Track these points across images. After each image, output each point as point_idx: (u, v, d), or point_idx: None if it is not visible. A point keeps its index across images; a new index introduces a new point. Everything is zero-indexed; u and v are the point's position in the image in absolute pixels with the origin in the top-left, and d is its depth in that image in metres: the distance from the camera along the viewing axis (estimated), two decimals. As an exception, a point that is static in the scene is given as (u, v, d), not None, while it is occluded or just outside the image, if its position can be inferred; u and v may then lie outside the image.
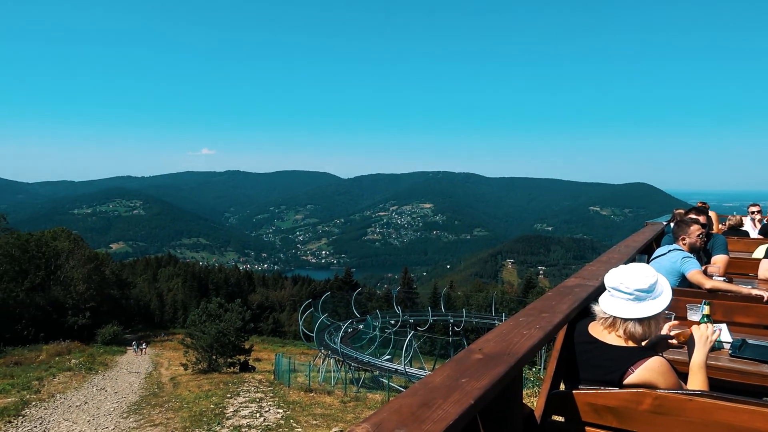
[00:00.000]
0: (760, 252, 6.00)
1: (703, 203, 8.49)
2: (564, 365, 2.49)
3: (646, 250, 5.89)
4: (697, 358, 2.33)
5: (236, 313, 28.41)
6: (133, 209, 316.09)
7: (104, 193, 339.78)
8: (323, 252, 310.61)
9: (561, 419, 2.24)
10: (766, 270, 5.04)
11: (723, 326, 3.48)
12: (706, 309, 3.21)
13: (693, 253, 4.70)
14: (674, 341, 2.57)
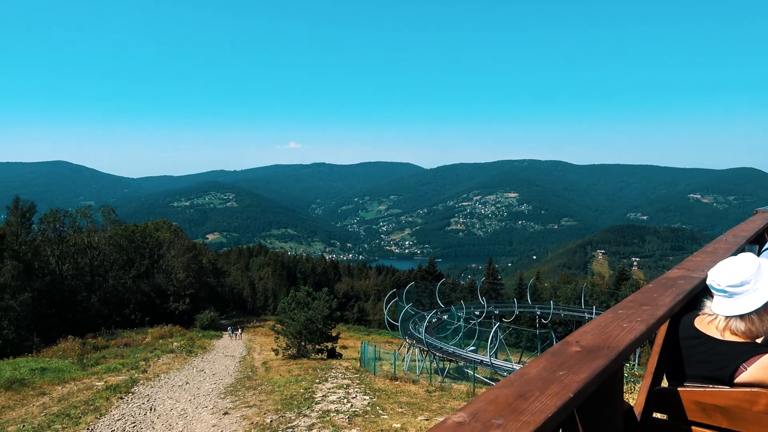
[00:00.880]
0: None
1: None
2: (666, 361, 2.36)
3: (757, 240, 5.42)
4: None
5: (323, 302, 29.20)
6: (227, 201, 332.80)
7: (201, 187, 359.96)
8: (407, 242, 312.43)
9: (663, 417, 2.13)
10: None
11: None
12: None
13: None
14: None
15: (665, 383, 2.33)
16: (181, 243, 58.80)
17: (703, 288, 2.49)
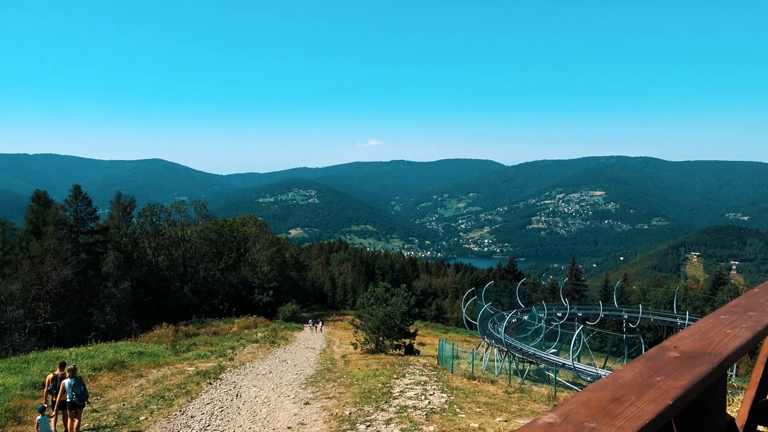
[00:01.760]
0: None
1: None
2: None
3: None
4: None
5: (401, 298, 29.33)
6: (309, 198, 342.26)
7: (284, 184, 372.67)
8: (486, 240, 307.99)
9: None
10: None
11: None
12: None
13: None
14: None
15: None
16: (266, 237, 61.13)
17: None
